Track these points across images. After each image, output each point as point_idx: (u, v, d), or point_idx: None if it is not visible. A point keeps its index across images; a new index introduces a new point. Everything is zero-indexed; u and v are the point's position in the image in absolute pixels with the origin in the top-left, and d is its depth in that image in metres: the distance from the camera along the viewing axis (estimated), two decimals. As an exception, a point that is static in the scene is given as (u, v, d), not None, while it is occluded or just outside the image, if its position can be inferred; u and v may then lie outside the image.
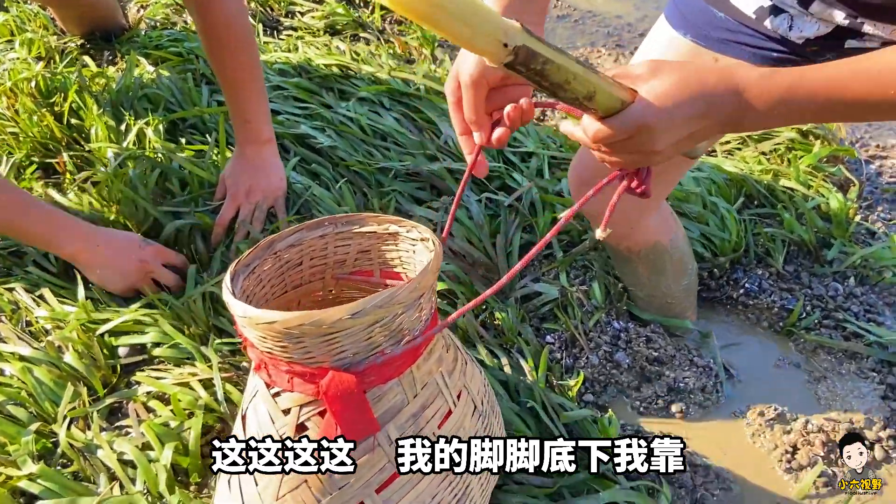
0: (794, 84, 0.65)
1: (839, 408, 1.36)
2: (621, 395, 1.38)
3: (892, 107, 0.62)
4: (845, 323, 1.48)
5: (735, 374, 1.45)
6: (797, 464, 1.26)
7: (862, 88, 0.63)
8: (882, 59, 0.63)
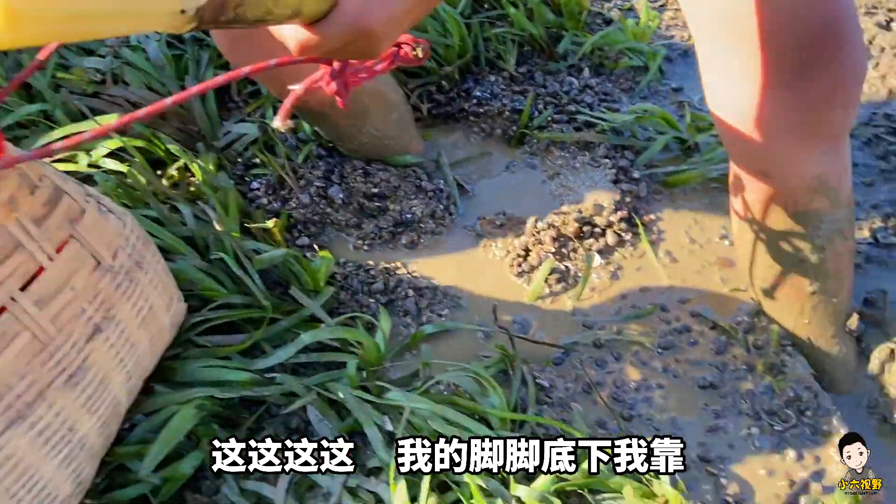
0: None
1: (571, 200, 1.28)
2: (341, 234, 1.22)
3: None
4: (578, 115, 1.38)
5: (470, 189, 1.32)
6: (529, 265, 1.18)
7: None
8: None
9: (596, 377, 1.04)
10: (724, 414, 0.99)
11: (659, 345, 1.07)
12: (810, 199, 0.88)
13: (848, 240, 0.94)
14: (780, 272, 0.95)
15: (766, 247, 0.95)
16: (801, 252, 0.92)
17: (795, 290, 0.96)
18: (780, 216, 0.90)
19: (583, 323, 1.11)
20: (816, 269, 0.93)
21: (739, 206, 0.96)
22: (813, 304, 0.97)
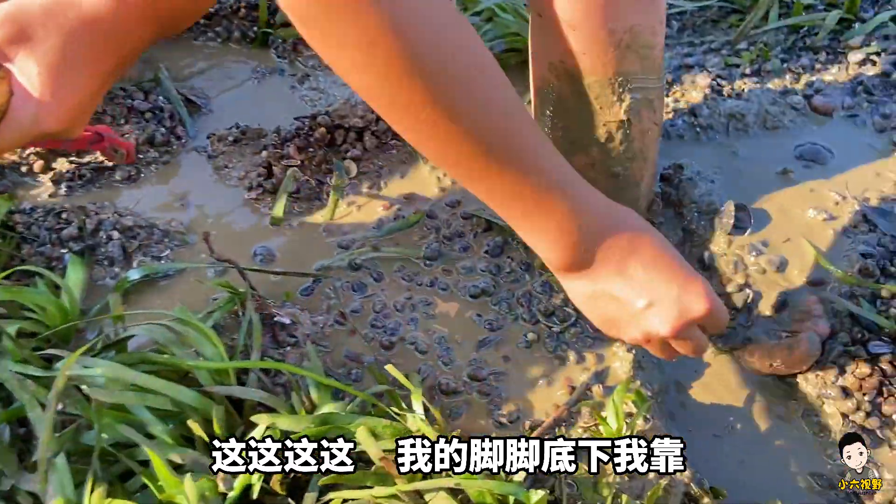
0: None
1: (324, 104, 1.08)
2: (26, 179, 0.96)
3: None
4: (328, 7, 1.16)
5: (204, 105, 1.09)
6: (271, 184, 0.97)
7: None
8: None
9: (353, 304, 0.87)
10: (499, 323, 0.85)
11: (426, 256, 0.91)
12: (621, 58, 0.72)
13: (657, 113, 0.80)
14: (580, 151, 0.80)
15: (565, 121, 0.79)
16: (606, 126, 0.77)
17: (597, 172, 0.80)
18: (585, 81, 0.74)
19: (338, 244, 0.93)
20: (621, 147, 0.78)
21: (540, 71, 0.78)
22: (616, 189, 0.81)
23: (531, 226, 0.61)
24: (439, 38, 0.50)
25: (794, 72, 1.12)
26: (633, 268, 0.62)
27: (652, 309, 0.62)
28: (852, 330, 0.80)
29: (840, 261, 0.87)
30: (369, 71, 0.50)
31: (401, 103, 0.51)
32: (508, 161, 0.56)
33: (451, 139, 0.53)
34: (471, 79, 0.53)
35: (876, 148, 1.02)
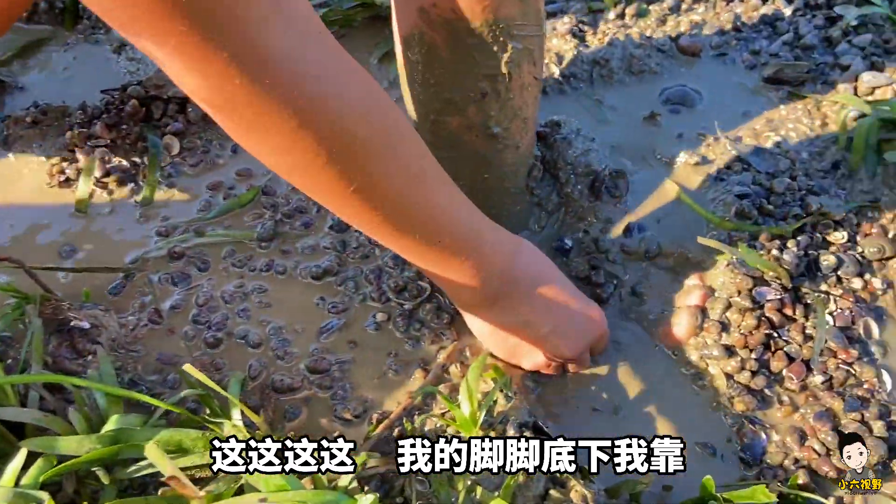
0: None
1: (143, 74, 0.95)
2: None
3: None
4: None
5: (15, 83, 0.94)
6: (75, 169, 0.83)
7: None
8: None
9: (172, 298, 0.74)
10: (345, 305, 0.75)
11: (260, 237, 0.79)
12: (500, 2, 0.62)
13: (537, 66, 0.69)
14: (456, 112, 0.68)
15: (438, 76, 0.66)
16: (485, 81, 0.66)
17: (474, 135, 0.70)
18: (461, 28, 0.63)
19: (157, 231, 0.80)
20: (499, 104, 0.68)
21: (407, 19, 0.65)
22: (495, 151, 0.72)
23: (442, 274, 0.61)
24: (363, 115, 0.49)
25: (660, 13, 1.05)
26: (537, 300, 0.65)
27: (556, 334, 0.66)
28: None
29: (716, 205, 0.80)
30: (292, 153, 0.47)
31: (323, 181, 0.50)
32: (423, 224, 0.56)
33: (370, 208, 0.52)
34: (392, 152, 0.52)
35: (747, 86, 0.96)
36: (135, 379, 0.68)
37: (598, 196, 0.81)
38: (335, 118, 0.47)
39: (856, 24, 1.00)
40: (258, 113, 0.44)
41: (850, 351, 0.70)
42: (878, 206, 0.81)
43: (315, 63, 0.45)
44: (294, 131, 0.45)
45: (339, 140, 0.47)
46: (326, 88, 0.46)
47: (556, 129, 0.84)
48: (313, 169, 0.48)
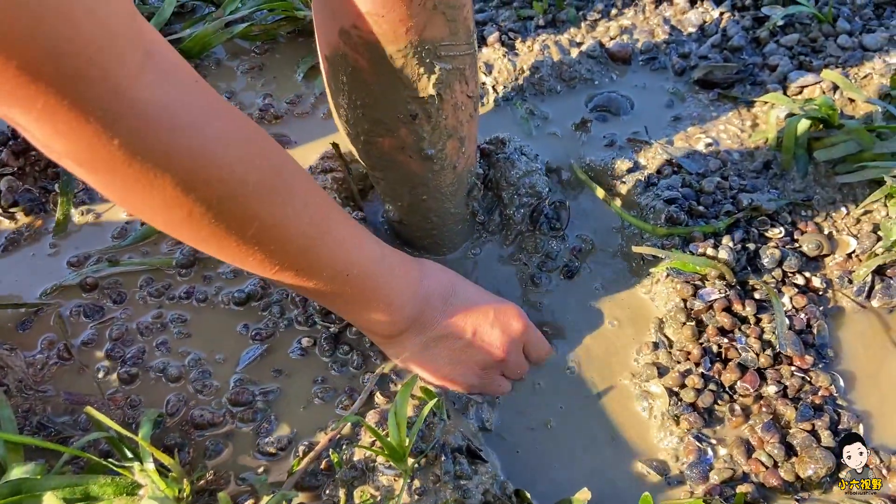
0: None
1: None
2: None
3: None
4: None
5: None
6: (-19, 200, 0.78)
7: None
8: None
9: (84, 333, 0.70)
10: (269, 331, 0.71)
11: (179, 264, 0.76)
12: (426, 22, 0.58)
13: (469, 85, 0.65)
14: (387, 133, 0.65)
15: (365, 97, 0.63)
16: (412, 103, 0.62)
17: (407, 155, 0.67)
18: (385, 51, 0.59)
19: (68, 261, 0.76)
20: (431, 125, 0.64)
21: (328, 38, 0.61)
22: (430, 172, 0.69)
23: (356, 310, 0.60)
24: (250, 160, 0.47)
25: (590, 20, 1.05)
26: (452, 311, 0.64)
27: (480, 338, 0.65)
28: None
29: (648, 211, 0.79)
30: (181, 208, 0.44)
31: (218, 232, 0.47)
32: (330, 261, 0.55)
33: (272, 252, 0.50)
34: (286, 193, 0.50)
35: (677, 90, 0.96)
36: (43, 422, 0.64)
37: (537, 227, 0.79)
38: (222, 166, 0.44)
39: (783, 24, 1.00)
40: (140, 171, 0.41)
41: (806, 358, 0.68)
42: (810, 204, 0.81)
43: (195, 112, 0.43)
44: (179, 185, 0.43)
45: (228, 188, 0.45)
46: (209, 137, 0.43)
47: (500, 147, 0.82)
48: (205, 221, 0.46)
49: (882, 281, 0.75)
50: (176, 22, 1.01)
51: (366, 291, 0.59)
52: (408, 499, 0.57)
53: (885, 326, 0.73)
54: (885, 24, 1.00)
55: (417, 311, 0.62)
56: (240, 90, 0.96)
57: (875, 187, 0.79)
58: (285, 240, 0.51)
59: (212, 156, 0.44)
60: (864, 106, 0.88)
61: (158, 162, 0.41)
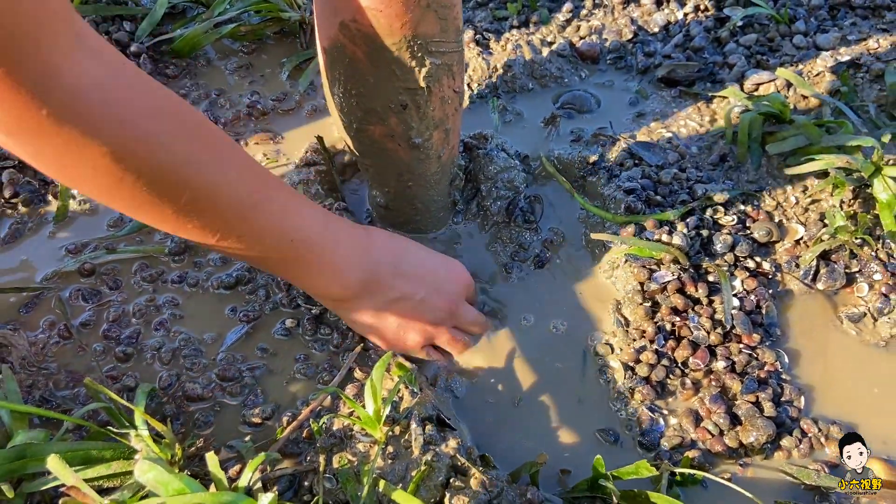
0: None
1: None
2: None
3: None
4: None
5: None
6: (-16, 192, 0.83)
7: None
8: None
9: (83, 315, 0.75)
10: (255, 314, 0.76)
11: (171, 252, 0.81)
12: (420, 19, 0.64)
13: (456, 80, 0.72)
14: (378, 121, 0.71)
15: (359, 87, 0.69)
16: (403, 94, 0.68)
17: (395, 143, 0.73)
18: (381, 44, 0.65)
19: (67, 248, 0.81)
20: (419, 115, 0.70)
21: (328, 31, 0.67)
22: (417, 160, 0.75)
23: (302, 279, 0.64)
24: (179, 131, 0.50)
25: (560, 20, 1.10)
26: (404, 271, 0.68)
27: (432, 295, 0.70)
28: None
29: (609, 201, 0.84)
30: (111, 175, 0.47)
31: (151, 199, 0.50)
32: (271, 228, 0.58)
33: (210, 220, 0.53)
34: (219, 162, 0.53)
35: (641, 88, 1.01)
36: (46, 396, 0.69)
37: (512, 219, 0.85)
38: (149, 136, 0.48)
39: (742, 25, 1.06)
40: (69, 140, 0.44)
41: (753, 336, 0.74)
42: (761, 195, 0.86)
43: (124, 88, 0.46)
44: (108, 154, 0.46)
45: (156, 157, 0.48)
46: (137, 110, 0.47)
47: (482, 142, 0.88)
48: (137, 189, 0.49)
49: (827, 265, 0.80)
50: (167, 22, 1.05)
51: (311, 257, 0.62)
52: (382, 463, 0.62)
53: (829, 307, 0.79)
54: (839, 24, 1.05)
55: (367, 276, 0.66)
56: (228, 88, 1.01)
57: (822, 178, 0.85)
58: (222, 207, 0.53)
59: (140, 127, 0.47)
60: (815, 102, 0.93)
61: (87, 132, 0.44)
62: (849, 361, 0.75)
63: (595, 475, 0.63)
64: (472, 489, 0.62)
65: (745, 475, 0.67)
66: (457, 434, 0.65)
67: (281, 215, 0.58)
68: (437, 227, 0.85)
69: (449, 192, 0.83)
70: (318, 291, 0.67)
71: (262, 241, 0.58)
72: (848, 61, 0.98)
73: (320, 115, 0.98)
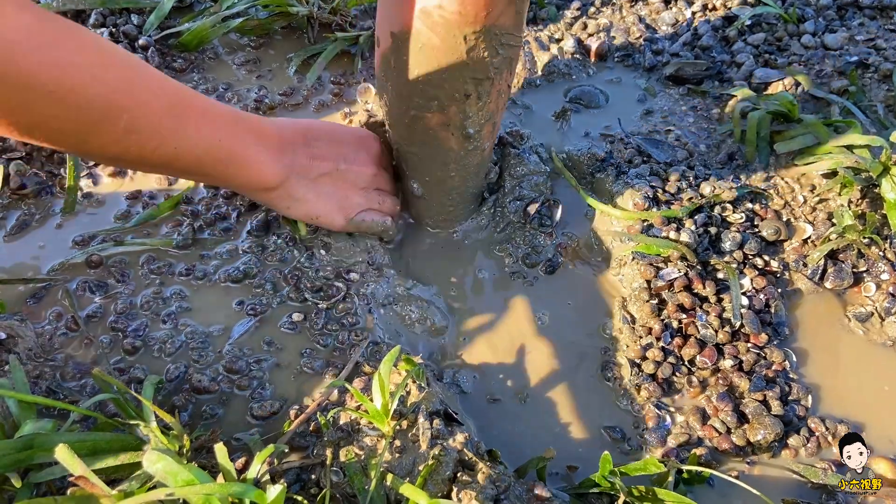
0: None
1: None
2: None
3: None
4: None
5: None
6: (-9, 183, 0.83)
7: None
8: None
9: (91, 307, 0.75)
10: (263, 307, 0.76)
11: (178, 245, 0.81)
12: (504, 10, 0.64)
13: (512, 75, 0.72)
14: (437, 109, 0.71)
15: (427, 73, 0.68)
16: (469, 83, 0.68)
17: (450, 132, 0.73)
18: (462, 32, 0.64)
19: (74, 240, 0.81)
20: (478, 107, 0.71)
21: (404, 16, 0.66)
22: (465, 151, 0.75)
23: (236, 178, 0.69)
24: (106, 64, 0.55)
25: (569, 17, 1.10)
26: (319, 150, 0.75)
27: (350, 163, 0.77)
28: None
29: (616, 198, 0.84)
30: (56, 118, 0.54)
31: (97, 135, 0.57)
32: (198, 139, 0.63)
33: (143, 140, 0.59)
34: (140, 84, 0.58)
35: (649, 86, 1.01)
36: (53, 387, 0.69)
37: (529, 221, 0.85)
38: (82, 70, 0.53)
39: (750, 24, 1.06)
40: (12, 89, 0.49)
41: (761, 336, 0.74)
42: (770, 194, 0.86)
43: (52, 31, 0.51)
44: (51, 94, 0.51)
45: (94, 89, 0.53)
46: (69, 50, 0.52)
47: (517, 140, 0.88)
48: (79, 123, 0.54)
49: (834, 265, 0.80)
50: (174, 16, 1.05)
51: (238, 151, 0.67)
52: (389, 457, 0.62)
53: (837, 306, 0.79)
54: (847, 24, 1.05)
55: (287, 158, 0.72)
56: (235, 82, 1.01)
57: (831, 178, 0.85)
58: (156, 121, 0.59)
59: (73, 64, 0.52)
60: (823, 101, 0.93)
61: (29, 79, 0.49)
62: (856, 361, 0.75)
63: (602, 472, 0.63)
64: (479, 484, 0.62)
65: (752, 473, 0.67)
66: (464, 429, 0.65)
67: (205, 118, 0.64)
68: (462, 220, 0.86)
69: (482, 184, 0.84)
70: (250, 185, 0.71)
71: (195, 147, 0.63)
72: (856, 61, 0.98)
73: (327, 110, 0.98)
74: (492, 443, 0.68)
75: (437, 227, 0.85)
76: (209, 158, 0.65)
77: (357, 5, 1.08)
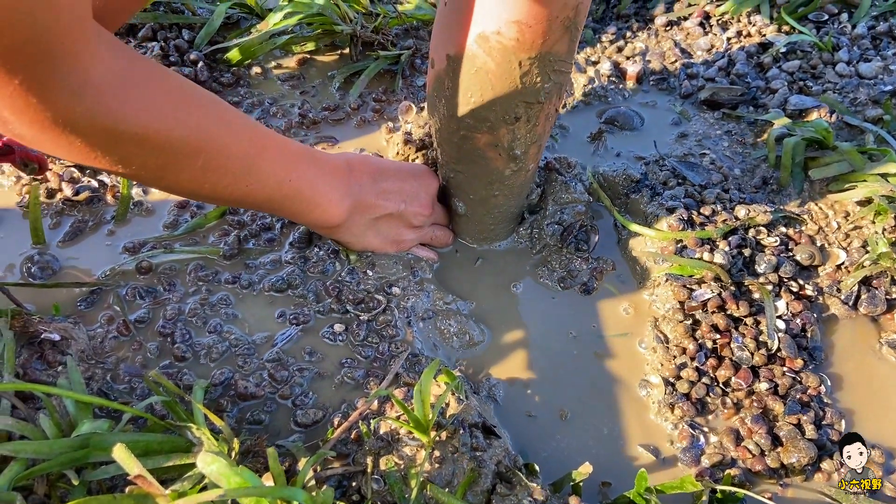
0: None
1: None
2: None
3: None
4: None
5: None
6: (48, 189, 0.86)
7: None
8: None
9: (139, 312, 0.77)
10: (305, 317, 0.78)
11: (225, 254, 0.83)
12: (559, 37, 0.65)
13: (560, 100, 0.74)
14: (488, 130, 0.73)
15: (481, 95, 0.70)
16: (520, 107, 0.70)
17: (497, 153, 0.75)
18: (518, 57, 0.66)
19: (125, 246, 0.84)
20: (527, 129, 0.72)
21: (461, 39, 0.67)
22: (512, 173, 0.78)
23: (304, 214, 0.72)
24: (194, 109, 0.57)
25: (605, 41, 1.12)
26: (383, 190, 0.77)
27: (411, 201, 0.80)
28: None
29: (651, 219, 0.86)
30: (153, 157, 0.55)
31: (174, 173, 0.58)
32: (274, 171, 0.65)
33: (217, 179, 0.61)
34: (226, 127, 0.60)
35: (684, 109, 1.03)
36: (104, 389, 0.71)
37: (565, 245, 0.86)
38: (168, 115, 0.54)
39: (785, 51, 1.07)
40: (99, 131, 0.50)
41: (797, 360, 0.75)
42: (804, 219, 0.87)
43: (140, 75, 0.52)
44: (136, 137, 0.52)
45: (176, 133, 0.55)
46: (155, 93, 0.53)
47: (565, 167, 0.90)
48: (159, 162, 0.56)
49: (868, 291, 0.81)
50: (223, 32, 1.09)
51: (306, 190, 0.69)
52: (429, 467, 0.63)
53: (872, 332, 0.80)
54: (882, 54, 1.06)
55: (354, 199, 0.74)
56: (280, 97, 1.04)
57: (865, 205, 0.86)
58: (231, 163, 0.61)
59: (158, 108, 0.53)
60: (857, 129, 0.94)
61: (116, 121, 0.50)
62: (889, 387, 0.75)
63: (638, 489, 0.64)
64: (516, 497, 0.63)
65: (786, 495, 0.68)
66: (502, 441, 0.67)
67: (279, 158, 0.66)
68: (502, 238, 0.88)
69: (523, 204, 0.86)
70: (315, 222, 0.74)
71: (266, 185, 0.65)
72: (890, 90, 0.99)
73: (370, 128, 1.01)
74: (529, 455, 0.69)
75: (478, 243, 0.87)
76: (279, 196, 0.67)
77: (399, 25, 1.10)
